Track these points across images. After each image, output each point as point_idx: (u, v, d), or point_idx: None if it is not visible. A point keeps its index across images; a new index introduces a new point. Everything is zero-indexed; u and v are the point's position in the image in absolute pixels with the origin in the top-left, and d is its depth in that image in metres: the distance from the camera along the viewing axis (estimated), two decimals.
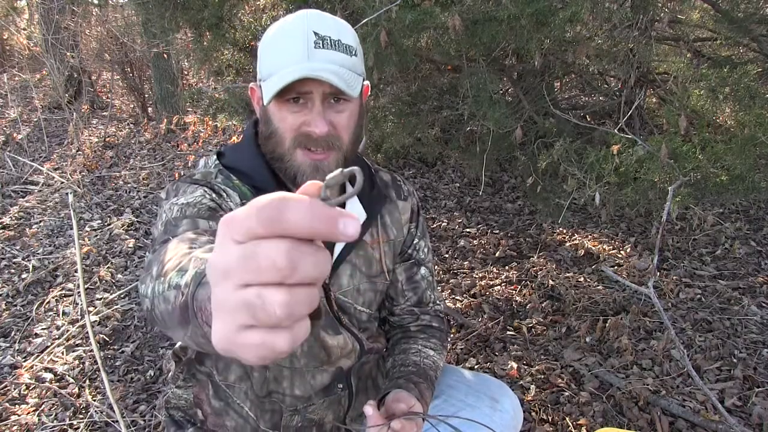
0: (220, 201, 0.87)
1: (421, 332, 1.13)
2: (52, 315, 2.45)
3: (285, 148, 0.87)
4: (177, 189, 0.89)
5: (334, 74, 0.81)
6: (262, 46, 0.89)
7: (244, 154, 0.95)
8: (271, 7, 3.09)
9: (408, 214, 1.09)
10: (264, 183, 0.91)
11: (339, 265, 0.99)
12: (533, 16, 1.98)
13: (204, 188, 0.87)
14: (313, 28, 0.83)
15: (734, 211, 3.28)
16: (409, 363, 1.04)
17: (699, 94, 2.10)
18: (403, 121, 2.96)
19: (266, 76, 0.86)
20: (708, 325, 2.27)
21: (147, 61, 5.48)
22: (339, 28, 0.86)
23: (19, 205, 3.59)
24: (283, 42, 0.84)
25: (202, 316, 0.46)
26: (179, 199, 0.84)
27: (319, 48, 0.82)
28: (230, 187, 0.90)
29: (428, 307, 1.15)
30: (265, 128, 0.90)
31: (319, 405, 1.04)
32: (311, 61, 0.82)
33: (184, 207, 0.81)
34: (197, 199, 0.83)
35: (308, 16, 0.85)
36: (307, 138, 0.85)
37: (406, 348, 1.09)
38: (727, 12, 2.65)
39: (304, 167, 0.87)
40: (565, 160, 2.29)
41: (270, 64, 0.86)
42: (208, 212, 0.80)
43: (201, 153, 4.48)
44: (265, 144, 0.92)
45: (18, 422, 1.83)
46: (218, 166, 0.94)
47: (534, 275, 2.69)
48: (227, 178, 0.92)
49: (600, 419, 1.78)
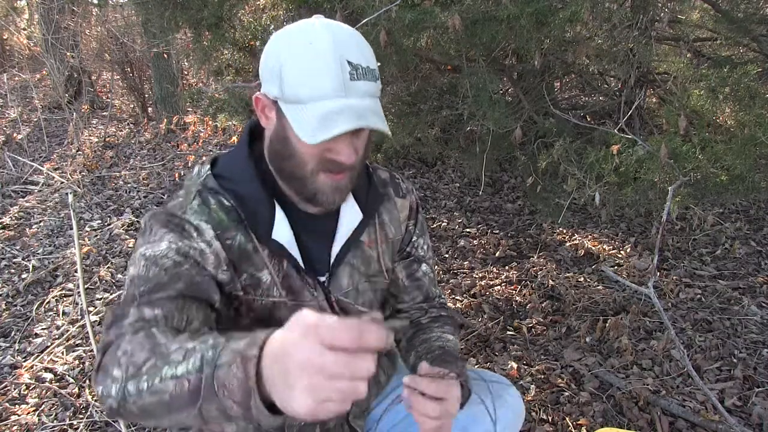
0: (188, 246, 0.86)
1: (433, 322, 1.13)
2: (52, 315, 2.45)
3: (306, 171, 0.86)
4: (151, 227, 0.88)
5: (375, 114, 0.82)
6: (282, 62, 0.82)
7: (235, 162, 0.94)
8: (271, 7, 3.09)
9: (406, 211, 1.08)
10: (251, 194, 0.90)
11: (338, 267, 0.99)
12: (533, 16, 1.98)
13: (172, 234, 0.86)
14: (346, 56, 0.80)
15: (734, 211, 3.28)
16: (434, 348, 1.04)
17: (699, 94, 2.10)
18: (403, 121, 2.96)
19: (293, 101, 0.82)
20: (708, 325, 2.27)
21: (147, 61, 5.48)
22: (365, 52, 0.84)
23: (19, 205, 3.59)
24: (314, 68, 0.80)
25: (224, 392, 0.58)
26: (147, 250, 0.84)
27: (354, 80, 0.80)
28: (204, 219, 0.88)
29: (434, 300, 1.17)
30: (281, 147, 0.87)
31: None
32: (349, 96, 0.80)
33: (149, 265, 0.83)
34: (163, 253, 0.84)
35: (335, 38, 0.81)
36: (333, 164, 0.85)
37: (426, 338, 1.09)
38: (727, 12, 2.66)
39: (324, 188, 0.88)
40: (565, 160, 2.29)
41: (299, 89, 0.81)
42: (169, 274, 0.83)
43: (201, 153, 4.48)
44: (275, 160, 0.90)
45: (18, 422, 1.83)
46: (206, 180, 0.92)
47: (534, 275, 2.70)
48: (205, 202, 0.89)
49: (600, 419, 1.78)
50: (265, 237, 0.90)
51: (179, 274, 0.83)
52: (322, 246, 0.97)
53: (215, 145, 4.72)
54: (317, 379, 0.50)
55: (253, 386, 0.55)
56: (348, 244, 0.98)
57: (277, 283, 0.93)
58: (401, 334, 1.14)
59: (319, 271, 0.97)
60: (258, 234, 0.90)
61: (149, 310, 0.79)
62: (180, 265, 0.84)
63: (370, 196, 1.02)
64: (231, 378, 0.57)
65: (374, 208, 1.03)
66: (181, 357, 0.64)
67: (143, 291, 0.81)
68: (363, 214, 1.00)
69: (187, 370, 0.62)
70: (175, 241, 0.85)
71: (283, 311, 0.94)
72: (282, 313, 0.94)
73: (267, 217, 0.90)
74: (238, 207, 0.89)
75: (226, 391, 0.58)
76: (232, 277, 0.90)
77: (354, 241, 0.99)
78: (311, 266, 0.96)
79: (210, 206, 0.90)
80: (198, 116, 5.01)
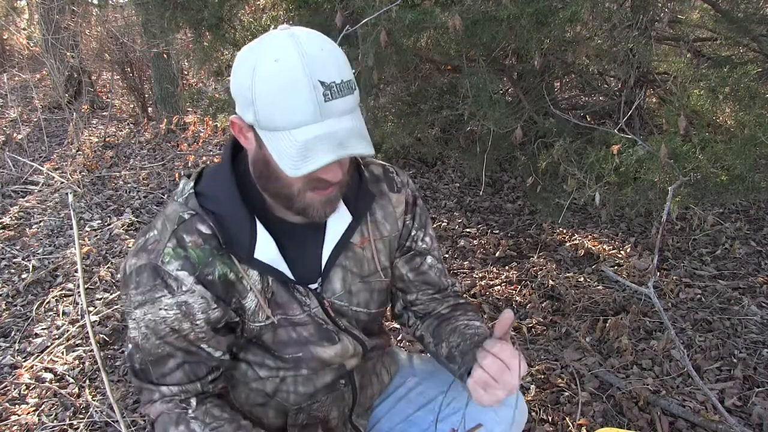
0: (176, 302, 0.87)
1: (454, 310, 1.11)
2: (52, 315, 2.45)
3: (293, 191, 0.85)
4: (138, 282, 0.87)
5: (356, 135, 0.80)
6: (254, 90, 0.79)
7: (216, 181, 0.93)
8: (271, 7, 3.08)
9: (402, 206, 1.06)
10: (231, 214, 0.89)
11: (329, 271, 0.98)
12: (533, 16, 1.98)
13: (160, 292, 0.87)
14: (317, 77, 0.77)
15: (734, 211, 3.28)
16: (467, 337, 1.01)
17: (699, 94, 2.10)
18: (403, 121, 2.96)
19: (269, 128, 0.80)
20: (708, 325, 2.27)
21: (147, 61, 5.48)
22: (338, 63, 0.80)
23: (19, 205, 3.59)
24: (286, 95, 0.77)
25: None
26: (145, 315, 0.88)
27: (329, 100, 0.78)
28: (180, 264, 0.87)
29: (448, 290, 1.15)
30: (264, 169, 0.86)
31: (323, 402, 1.05)
32: (325, 119, 0.78)
33: (148, 335, 0.89)
34: (159, 323, 0.88)
35: (304, 56, 0.77)
36: (320, 182, 0.84)
37: (453, 328, 1.05)
38: (727, 12, 2.66)
39: (314, 203, 0.87)
40: (565, 160, 2.29)
41: (274, 117, 0.79)
42: (170, 346, 0.90)
43: (201, 153, 4.48)
44: (260, 180, 0.89)
45: (18, 422, 1.83)
46: (189, 197, 0.91)
47: (534, 275, 2.70)
48: (180, 243, 0.87)
49: (600, 419, 1.78)
50: (246, 258, 0.89)
51: (176, 345, 0.90)
52: (312, 253, 0.97)
53: (215, 145, 4.72)
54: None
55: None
56: (338, 247, 0.97)
57: (263, 306, 0.92)
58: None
59: (310, 278, 0.97)
60: (239, 257, 0.89)
61: (166, 389, 0.92)
62: (177, 332, 0.89)
63: (360, 197, 1.00)
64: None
65: (364, 209, 1.00)
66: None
67: (150, 367, 0.91)
68: (352, 215, 0.98)
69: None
70: (166, 306, 0.88)
71: (268, 334, 0.95)
72: (267, 336, 0.95)
73: (248, 238, 0.89)
74: (218, 231, 0.88)
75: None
76: (224, 309, 0.91)
77: (344, 243, 0.98)
78: (301, 275, 0.95)
79: (186, 247, 0.87)
80: (198, 116, 5.00)
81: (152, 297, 0.87)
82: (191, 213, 0.89)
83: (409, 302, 1.13)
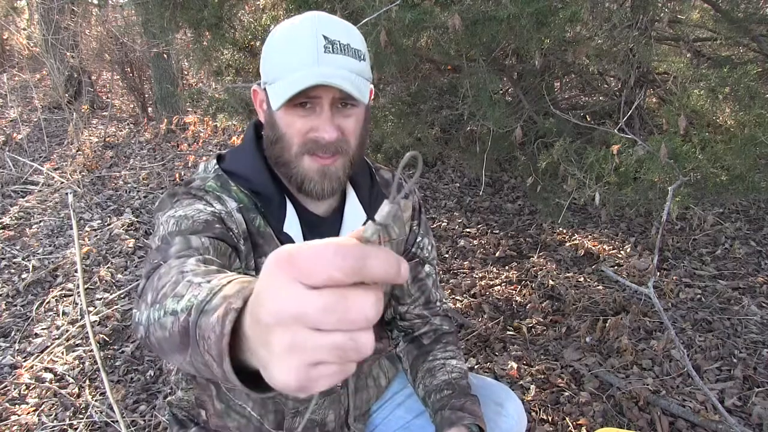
0: (219, 209, 0.86)
1: (435, 343, 1.11)
2: (52, 315, 2.45)
3: (292, 154, 0.86)
4: (173, 200, 0.87)
5: (345, 80, 0.80)
6: (267, 48, 0.87)
7: (244, 157, 0.94)
8: (271, 7, 3.08)
9: (410, 212, 1.08)
10: (263, 187, 0.91)
11: None
12: (533, 16, 1.98)
13: (198, 201, 0.85)
14: (323, 32, 0.81)
15: (734, 211, 3.28)
16: (442, 386, 1.04)
17: (699, 94, 2.10)
18: (403, 121, 2.96)
19: (273, 80, 0.84)
20: (708, 325, 2.26)
21: (147, 61, 5.48)
22: (348, 32, 0.84)
23: (19, 205, 3.59)
24: (291, 45, 0.82)
25: (204, 344, 0.46)
26: (177, 212, 0.83)
27: (329, 52, 0.80)
28: (226, 193, 0.89)
29: (436, 306, 1.15)
30: (271, 133, 0.88)
31: (319, 405, 1.04)
32: (321, 66, 0.80)
33: (180, 220, 0.80)
34: (194, 212, 0.82)
35: (317, 19, 0.83)
36: (316, 144, 0.85)
37: (431, 368, 1.07)
38: (727, 12, 2.65)
39: (311, 173, 0.87)
40: (565, 160, 2.29)
41: (277, 67, 0.84)
42: (203, 225, 0.80)
43: (201, 153, 4.48)
44: (269, 148, 0.91)
45: (18, 422, 1.83)
46: (217, 171, 0.93)
47: (534, 275, 2.69)
48: (224, 185, 0.90)
49: (600, 419, 1.78)
50: (278, 229, 0.90)
51: (212, 225, 0.81)
52: None
53: (215, 145, 4.72)
54: (300, 333, 0.34)
55: (224, 348, 0.43)
56: None
57: None
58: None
59: None
60: (272, 225, 0.90)
61: (196, 239, 0.75)
62: (212, 223, 0.81)
63: (374, 198, 1.01)
64: (209, 331, 0.45)
65: (378, 208, 1.02)
66: (185, 290, 0.55)
67: (175, 247, 0.74)
68: (366, 213, 0.99)
69: (182, 308, 0.52)
70: (208, 206, 0.85)
71: None
72: None
73: (279, 211, 0.90)
74: (254, 197, 0.90)
75: (205, 343, 0.46)
76: (248, 252, 0.89)
77: None
78: None
79: (230, 187, 0.90)
80: (198, 116, 5.01)
81: (192, 203, 0.85)
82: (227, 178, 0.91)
83: (398, 314, 1.14)
